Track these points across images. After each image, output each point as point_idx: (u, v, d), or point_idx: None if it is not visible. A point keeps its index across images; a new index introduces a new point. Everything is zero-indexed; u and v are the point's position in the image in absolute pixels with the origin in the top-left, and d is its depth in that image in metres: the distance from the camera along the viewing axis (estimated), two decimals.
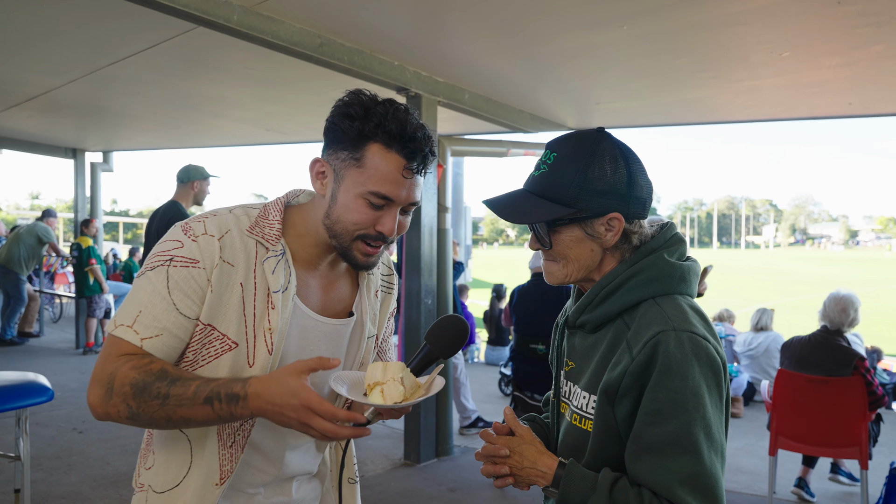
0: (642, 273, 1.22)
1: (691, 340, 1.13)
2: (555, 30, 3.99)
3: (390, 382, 1.17)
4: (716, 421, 1.12)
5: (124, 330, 1.18)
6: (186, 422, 1.15)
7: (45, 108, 6.71)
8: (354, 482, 1.51)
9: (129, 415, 1.15)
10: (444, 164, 5.22)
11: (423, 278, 4.87)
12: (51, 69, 5.22)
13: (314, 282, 1.34)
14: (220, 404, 1.12)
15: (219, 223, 1.24)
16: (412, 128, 1.21)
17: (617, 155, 1.22)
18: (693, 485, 1.07)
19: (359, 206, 1.22)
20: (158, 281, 1.19)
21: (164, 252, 1.21)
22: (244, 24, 3.64)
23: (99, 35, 4.41)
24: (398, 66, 4.63)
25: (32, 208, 52.34)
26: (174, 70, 5.10)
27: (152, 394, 1.13)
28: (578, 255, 1.25)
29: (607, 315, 1.24)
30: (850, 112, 5.73)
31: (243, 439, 1.27)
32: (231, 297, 1.22)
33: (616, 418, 1.17)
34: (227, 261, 1.22)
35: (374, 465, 4.83)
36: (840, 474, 4.81)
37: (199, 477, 1.25)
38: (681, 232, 1.31)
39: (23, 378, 3.31)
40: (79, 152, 9.45)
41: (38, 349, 8.81)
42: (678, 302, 1.20)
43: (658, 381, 1.11)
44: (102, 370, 1.17)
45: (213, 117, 6.81)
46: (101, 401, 1.15)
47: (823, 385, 3.96)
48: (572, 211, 1.20)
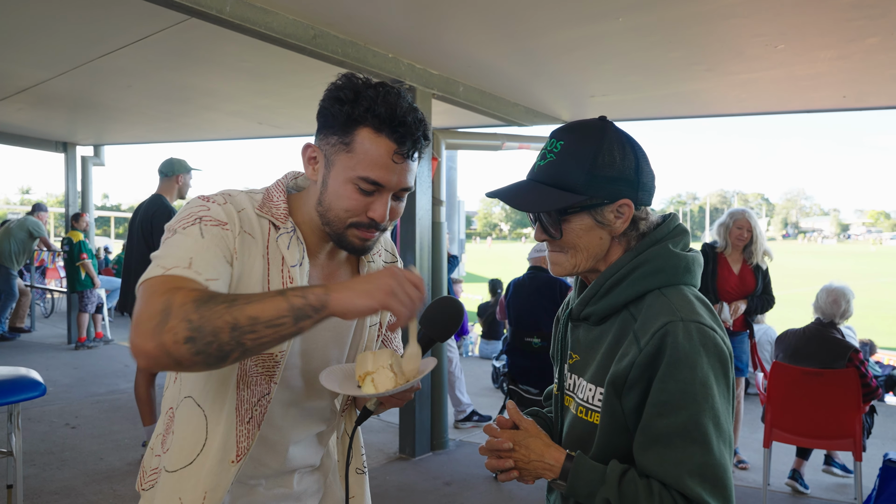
0: (647, 264, 1.21)
1: (699, 331, 1.12)
2: (549, 22, 3.98)
3: (380, 371, 1.16)
4: (724, 411, 1.11)
5: (181, 270, 1.07)
6: (254, 323, 0.99)
7: (36, 102, 6.64)
8: (363, 472, 1.49)
9: (188, 333, 0.97)
10: (439, 157, 5.20)
11: (419, 272, 4.85)
12: (41, 61, 5.15)
13: (315, 271, 1.32)
14: (292, 292, 1.02)
15: (234, 200, 1.23)
16: (402, 111, 1.19)
17: (624, 142, 1.22)
18: (703, 475, 1.07)
19: (349, 192, 1.20)
20: (196, 235, 1.13)
21: (191, 214, 1.16)
22: (237, 16, 3.60)
23: (89, 27, 4.35)
24: (392, 58, 4.60)
25: (23, 203, 51.96)
26: (166, 62, 5.05)
27: (219, 300, 1.00)
28: (588, 244, 1.23)
29: (612, 306, 1.22)
30: (844, 105, 5.74)
31: (260, 415, 1.24)
32: (253, 269, 1.20)
33: (623, 410, 1.16)
34: (248, 231, 1.20)
35: (370, 460, 4.82)
36: (834, 466, 4.83)
37: (215, 454, 1.21)
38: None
39: (14, 373, 3.28)
40: (70, 146, 9.34)
41: (30, 344, 8.75)
42: (684, 292, 1.20)
43: (667, 372, 1.10)
44: (150, 304, 1.01)
45: (206, 110, 6.75)
46: (152, 333, 0.98)
47: (818, 377, 3.97)
48: (584, 198, 1.19)
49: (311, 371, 1.32)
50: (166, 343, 0.97)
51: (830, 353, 4.02)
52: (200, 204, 1.19)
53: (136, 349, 1.00)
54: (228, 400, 1.23)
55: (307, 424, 1.37)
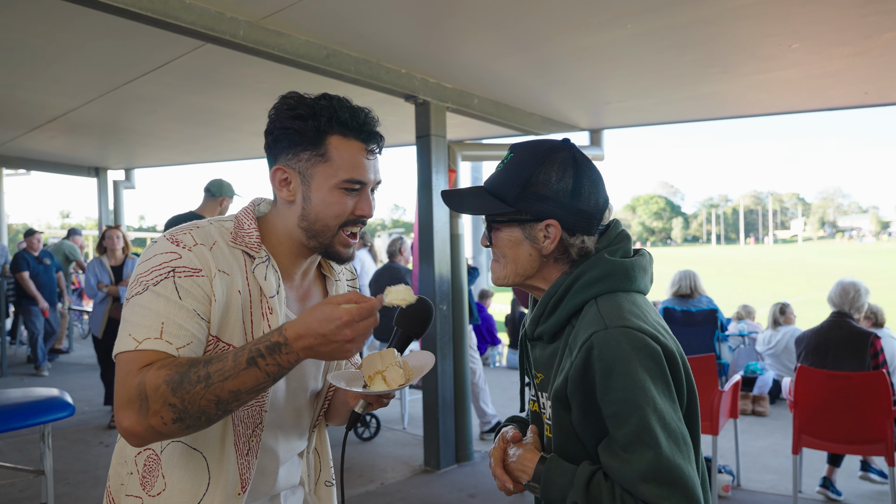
0: (584, 275, 1.23)
1: (625, 335, 1.12)
2: (560, 30, 3.99)
3: (391, 368, 1.22)
4: (668, 410, 1.10)
5: (153, 342, 1.12)
6: (237, 396, 1.08)
7: (66, 129, 6.89)
8: (331, 485, 1.53)
9: (175, 416, 1.06)
10: (456, 168, 5.23)
11: (437, 284, 4.88)
12: (68, 91, 5.36)
13: (291, 293, 1.36)
14: (264, 360, 1.08)
15: (204, 234, 1.24)
16: (362, 113, 1.27)
17: (568, 165, 1.23)
18: (657, 479, 1.06)
19: (336, 197, 1.26)
20: (168, 292, 1.15)
21: (163, 265, 1.17)
22: (250, 39, 3.69)
23: (111, 55, 4.51)
24: (405, 73, 4.66)
25: (63, 227, 53.33)
26: (186, 87, 5.20)
27: (192, 380, 1.06)
28: (516, 257, 1.27)
29: (558, 323, 1.24)
30: (866, 102, 5.63)
31: (256, 445, 1.29)
32: (231, 305, 1.22)
33: (572, 422, 1.18)
34: (222, 270, 1.22)
35: (395, 472, 4.83)
36: (871, 472, 4.70)
37: (221, 491, 1.24)
38: (706, 227, 1.29)
39: (45, 394, 3.38)
40: (101, 171, 9.66)
41: (68, 365, 8.98)
42: (617, 299, 1.20)
43: (604, 385, 1.11)
44: (127, 388, 1.09)
45: (228, 132, 6.92)
46: (138, 418, 1.07)
47: (846, 381, 3.89)
48: (511, 210, 1.23)
49: (292, 389, 1.37)
50: (155, 426, 1.08)
51: (850, 341, 4.10)
52: (171, 250, 1.19)
53: (125, 432, 1.09)
54: (227, 438, 1.26)
55: (292, 443, 1.41)
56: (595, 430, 1.15)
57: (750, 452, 5.32)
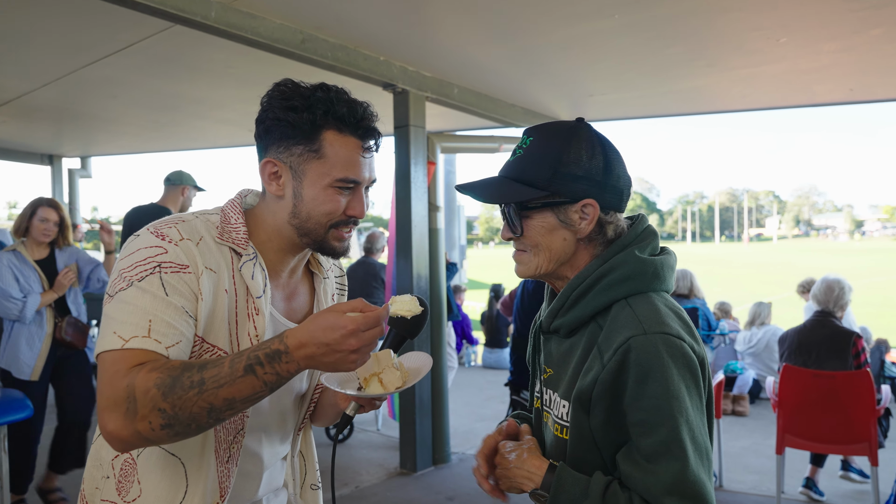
0: (613, 272, 1.16)
1: (665, 342, 1.07)
2: (544, 20, 3.88)
3: (387, 370, 1.20)
4: (698, 423, 1.08)
5: (140, 341, 1.06)
6: (231, 404, 1.03)
7: (19, 114, 6.48)
8: (317, 488, 1.50)
9: (164, 422, 1.01)
10: (435, 161, 5.09)
11: (415, 280, 4.74)
12: (24, 72, 5.04)
13: (277, 292, 1.31)
14: (262, 369, 1.03)
15: (190, 229, 1.18)
16: (361, 108, 1.20)
17: (595, 142, 1.19)
18: (681, 493, 1.04)
19: (328, 195, 1.20)
20: (154, 289, 1.09)
21: (147, 259, 1.11)
22: (222, 21, 3.52)
23: (72, 36, 4.26)
24: (384, 61, 4.50)
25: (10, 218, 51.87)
26: (152, 71, 4.95)
27: (185, 385, 1.01)
28: (550, 244, 1.20)
29: (580, 319, 1.18)
30: (851, 98, 5.61)
31: (237, 452, 1.25)
32: (218, 305, 1.17)
33: (591, 426, 1.13)
34: (209, 267, 1.17)
35: (369, 475, 4.70)
36: (851, 471, 4.67)
37: (199, 499, 1.20)
38: (681, 225, 1.20)
39: None
40: (55, 158, 9.03)
41: None
42: (651, 301, 1.15)
43: (637, 390, 1.06)
44: (114, 389, 1.02)
45: (194, 119, 6.65)
46: (125, 422, 1.01)
47: (830, 380, 3.87)
48: (545, 194, 1.16)
49: (276, 392, 1.28)
50: (142, 431, 1.01)
51: (833, 341, 4.07)
52: (155, 244, 1.13)
53: (109, 436, 1.02)
54: (208, 444, 1.21)
55: (276, 448, 1.37)
56: (615, 436, 1.11)
57: (731, 453, 5.26)
